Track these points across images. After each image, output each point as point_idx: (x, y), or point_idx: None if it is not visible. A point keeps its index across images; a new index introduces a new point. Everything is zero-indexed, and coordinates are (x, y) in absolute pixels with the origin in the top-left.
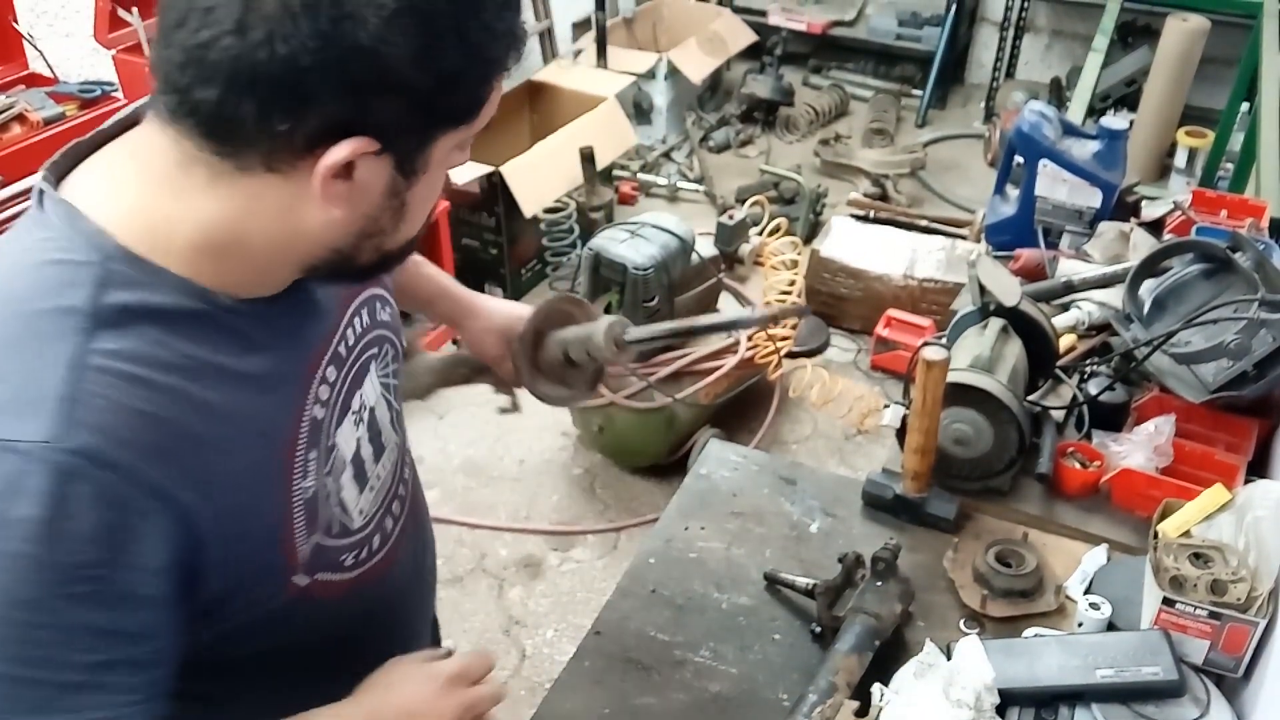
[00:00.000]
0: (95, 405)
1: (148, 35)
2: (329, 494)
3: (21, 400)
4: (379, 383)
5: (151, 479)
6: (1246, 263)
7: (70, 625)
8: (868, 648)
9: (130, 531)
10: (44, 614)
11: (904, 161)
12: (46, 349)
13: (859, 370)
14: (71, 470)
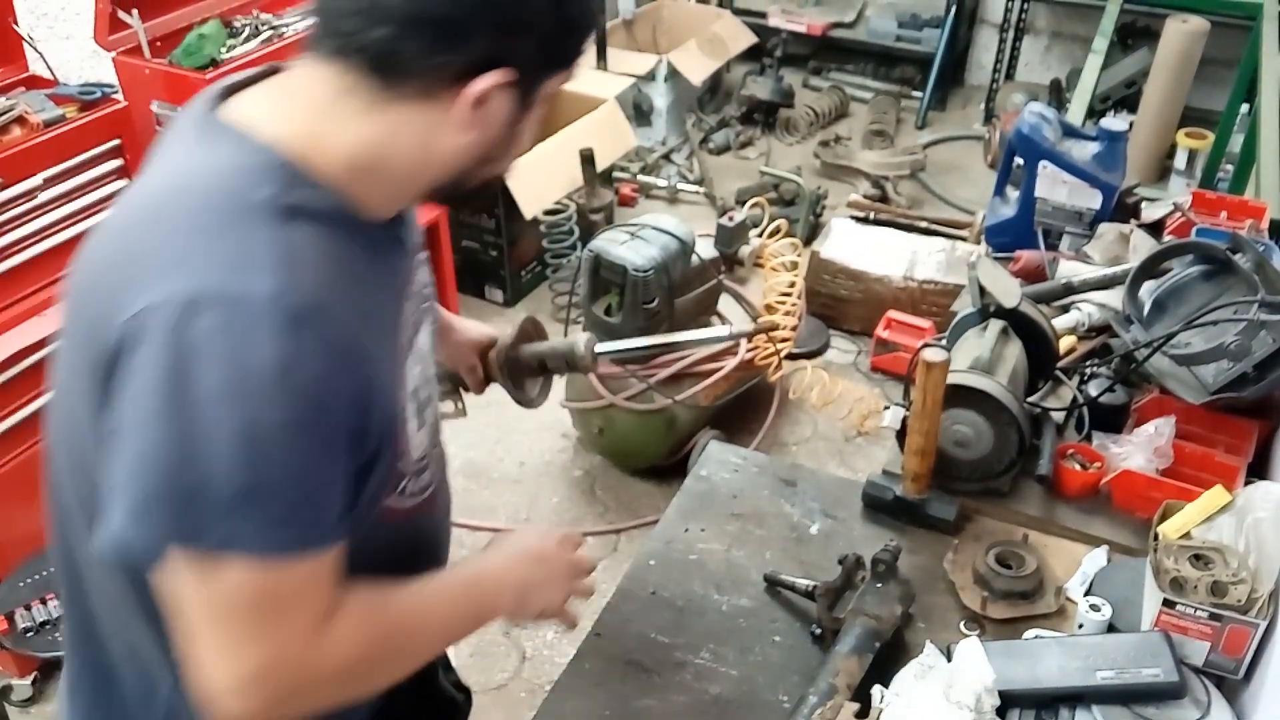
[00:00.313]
0: (308, 270)
1: (148, 37)
2: (404, 414)
3: (242, 266)
4: (429, 330)
5: (348, 335)
6: (1246, 264)
7: (295, 460)
8: (868, 649)
9: (338, 377)
10: (273, 445)
11: (904, 163)
12: (251, 231)
13: (859, 372)
14: (300, 319)
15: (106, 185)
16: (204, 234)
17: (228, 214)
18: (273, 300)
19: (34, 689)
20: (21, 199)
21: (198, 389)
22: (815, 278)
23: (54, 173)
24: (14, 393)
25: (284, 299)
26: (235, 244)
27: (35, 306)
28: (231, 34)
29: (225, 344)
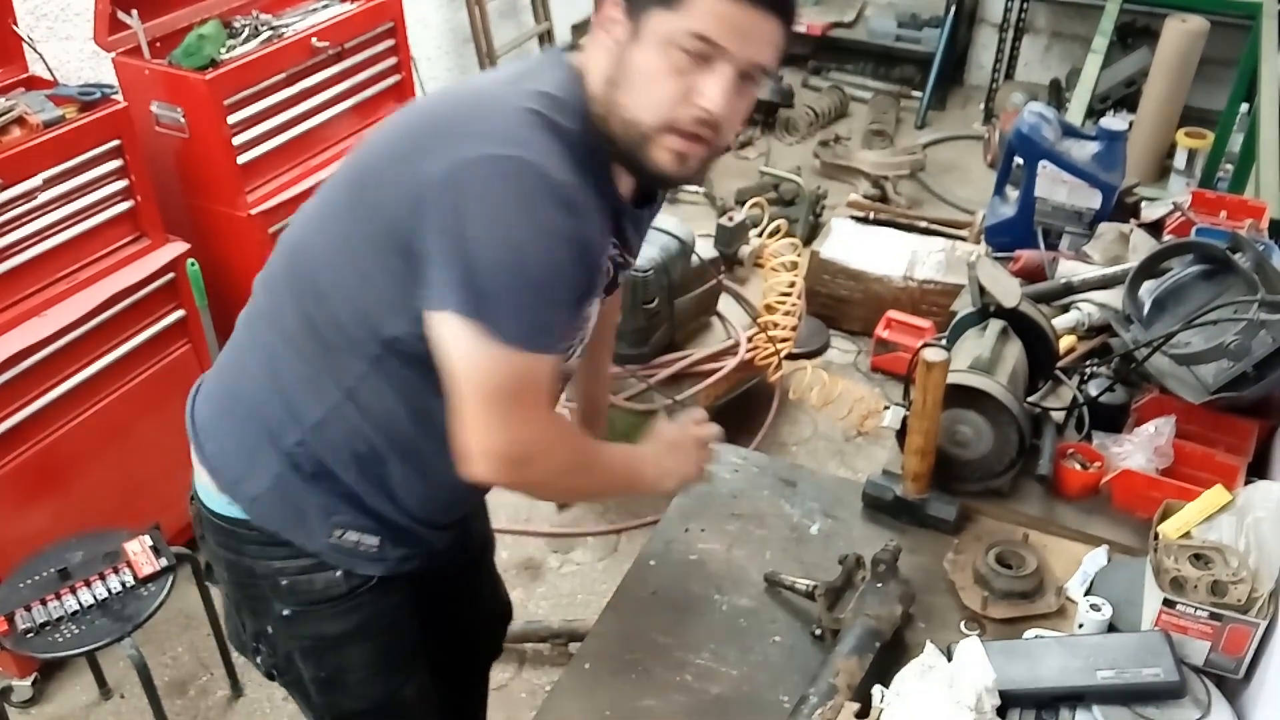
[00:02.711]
0: (572, 180)
1: (147, 38)
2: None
3: (549, 156)
4: (598, 310)
5: (590, 203)
6: (1246, 264)
7: (561, 281)
8: (868, 649)
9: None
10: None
11: (904, 163)
12: (557, 141)
13: (859, 372)
14: (563, 183)
15: (106, 186)
16: (531, 128)
17: (511, 109)
18: (548, 170)
19: (34, 690)
20: (21, 200)
21: (520, 222)
22: (815, 278)
23: (54, 173)
24: (14, 393)
25: (558, 173)
26: (503, 124)
27: (35, 307)
28: (231, 34)
29: (523, 193)
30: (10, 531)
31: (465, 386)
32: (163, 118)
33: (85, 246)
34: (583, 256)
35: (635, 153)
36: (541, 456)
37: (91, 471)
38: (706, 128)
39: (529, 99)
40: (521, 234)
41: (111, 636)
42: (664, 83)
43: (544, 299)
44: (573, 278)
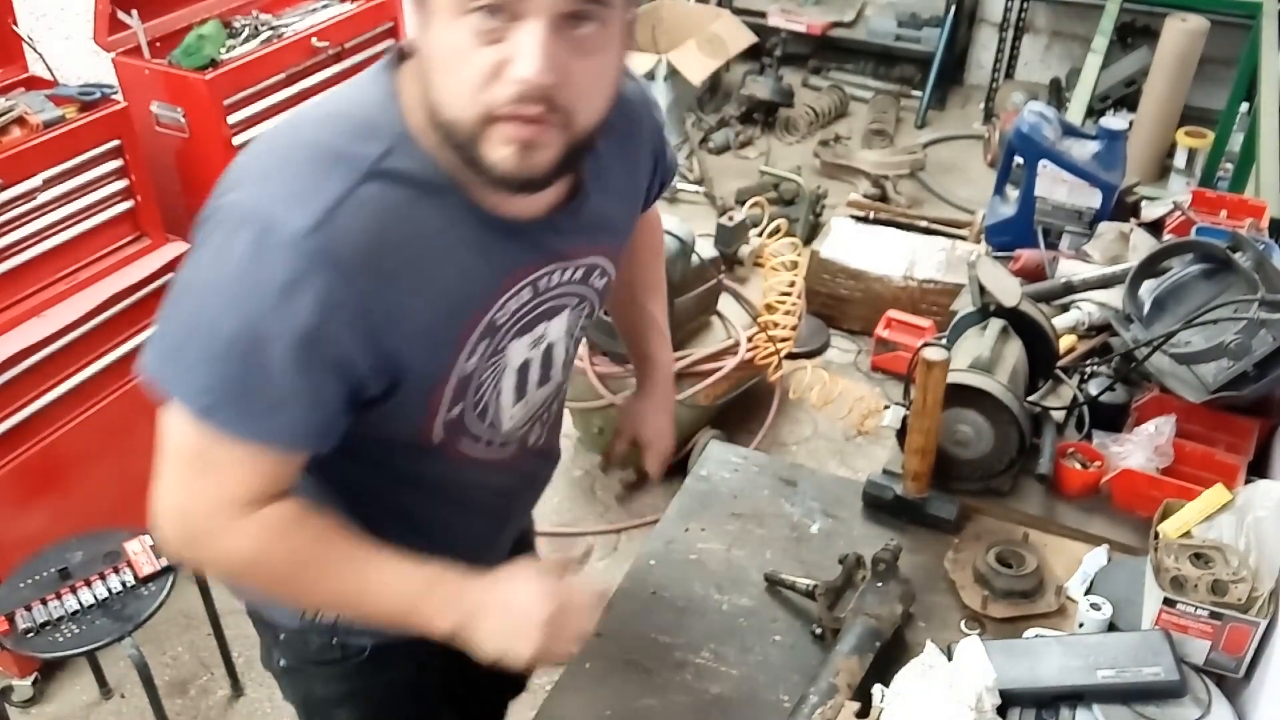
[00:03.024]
0: (341, 224)
1: (147, 38)
2: (484, 385)
3: (298, 198)
4: (565, 326)
5: (359, 289)
6: (1246, 263)
7: (269, 367)
8: (868, 649)
9: (334, 320)
10: (255, 354)
11: (904, 162)
12: (334, 173)
13: (859, 371)
14: (311, 258)
15: (106, 186)
16: (295, 164)
17: (330, 152)
18: (302, 235)
19: (34, 689)
20: (21, 200)
21: (213, 278)
22: (815, 277)
23: (54, 173)
24: (14, 393)
25: (313, 239)
26: (310, 178)
27: (35, 307)
28: (231, 34)
29: (246, 258)
30: (10, 531)
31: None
32: (163, 118)
33: (85, 246)
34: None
35: (472, 160)
36: (218, 543)
37: (92, 471)
38: (536, 103)
39: (326, 130)
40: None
41: (112, 636)
42: (466, 61)
43: (245, 382)
44: (296, 374)
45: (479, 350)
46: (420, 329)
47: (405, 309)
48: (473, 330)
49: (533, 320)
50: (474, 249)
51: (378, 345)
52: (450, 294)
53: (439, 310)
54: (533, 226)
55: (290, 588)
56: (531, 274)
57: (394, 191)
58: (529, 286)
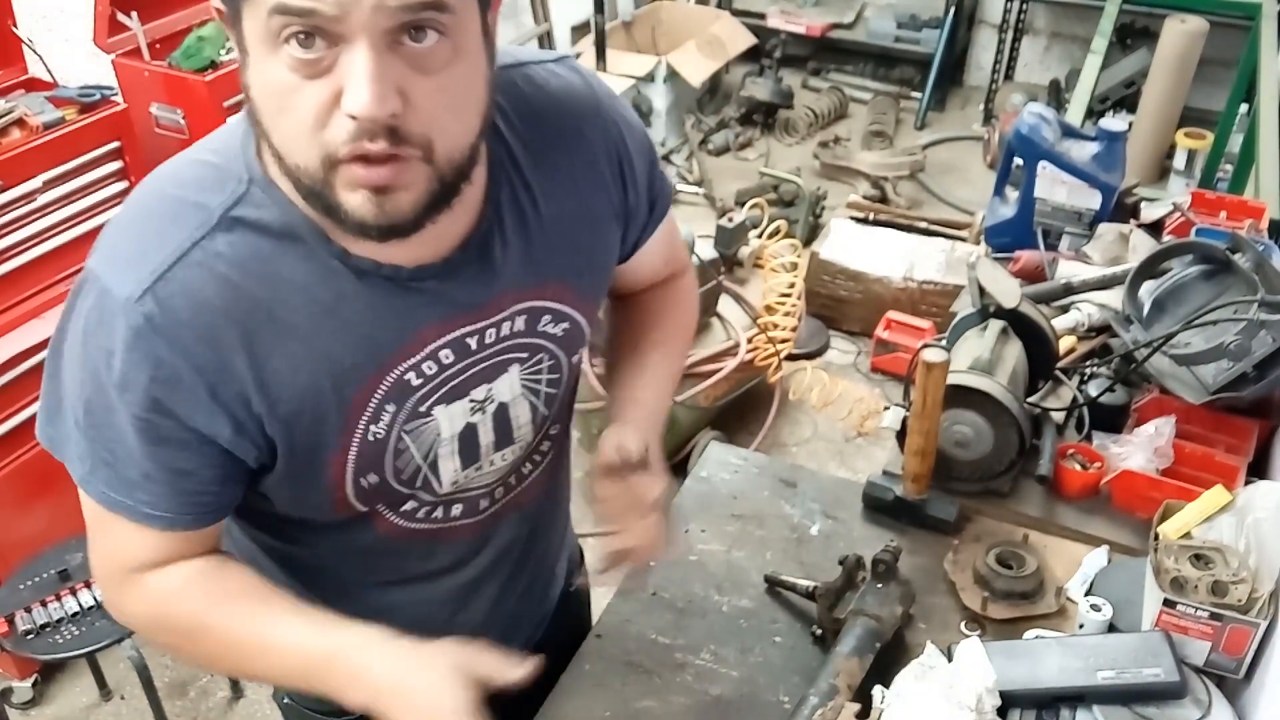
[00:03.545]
0: (176, 288)
1: (147, 40)
2: (408, 450)
3: (133, 260)
4: (520, 383)
5: (198, 358)
6: (1246, 264)
7: (124, 440)
8: (869, 650)
9: (172, 391)
10: (109, 425)
11: (903, 164)
12: (171, 229)
13: (859, 372)
14: (137, 328)
15: (106, 187)
16: (142, 219)
17: (171, 204)
18: (130, 304)
19: (34, 691)
20: (21, 201)
21: (69, 346)
22: (815, 279)
23: (54, 175)
24: (15, 395)
25: (140, 306)
26: (147, 236)
27: (35, 309)
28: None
29: (90, 322)
30: (11, 533)
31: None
32: (163, 119)
33: (85, 248)
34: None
35: (328, 208)
36: (121, 604)
37: None
38: (378, 139)
39: (179, 179)
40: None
41: (111, 638)
42: (294, 102)
43: (105, 454)
44: (145, 447)
45: (386, 414)
46: (294, 395)
47: (270, 373)
48: (370, 395)
49: (464, 384)
50: (358, 305)
51: (238, 413)
52: (331, 356)
53: (316, 374)
54: (426, 275)
55: (190, 652)
56: (447, 332)
57: (246, 244)
58: (448, 347)
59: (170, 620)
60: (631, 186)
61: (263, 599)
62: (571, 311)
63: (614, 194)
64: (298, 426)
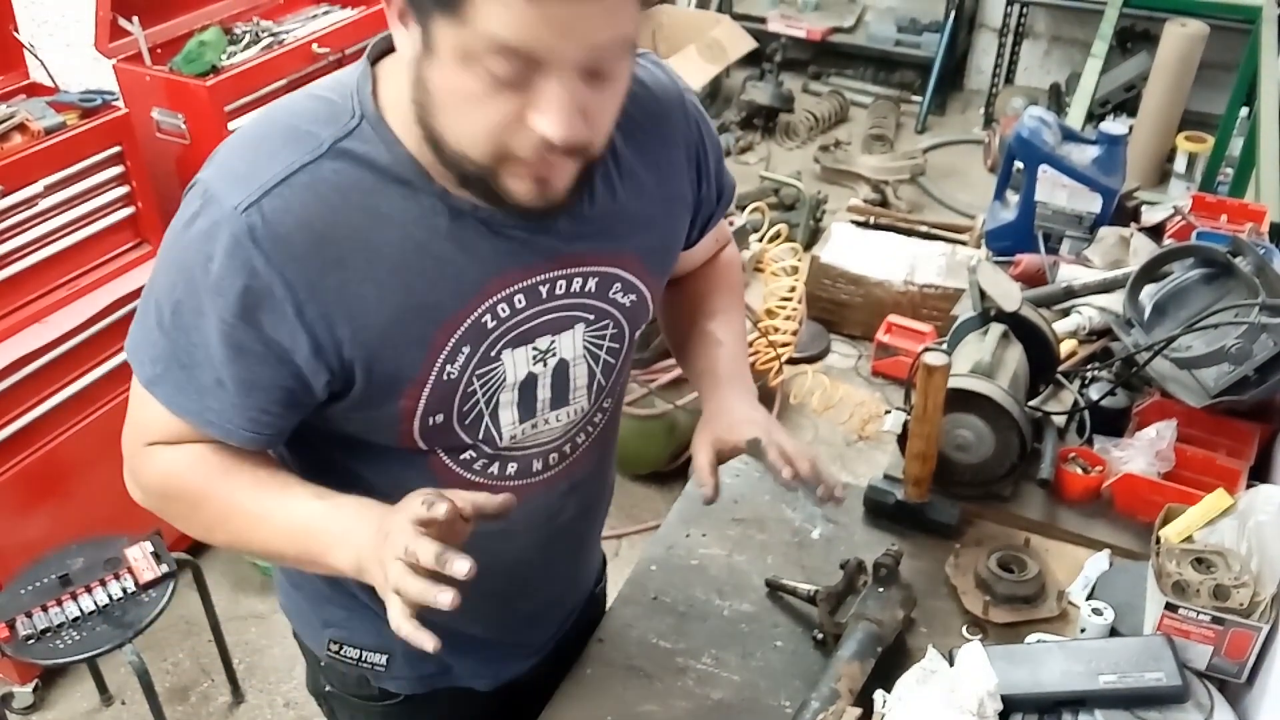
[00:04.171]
0: (280, 204)
1: (148, 44)
2: (474, 395)
3: (244, 175)
4: (584, 344)
5: (291, 275)
6: (1247, 267)
7: (207, 344)
8: (870, 654)
9: (261, 301)
10: (195, 328)
11: (904, 167)
12: (283, 151)
13: (860, 376)
14: (238, 237)
15: (107, 192)
16: (256, 141)
17: (288, 129)
18: (236, 213)
19: (35, 696)
20: (22, 206)
21: (168, 249)
22: (815, 282)
23: (55, 180)
24: (16, 399)
25: (246, 217)
26: (262, 156)
27: (36, 313)
28: (232, 41)
29: (193, 227)
30: (11, 537)
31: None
32: (164, 124)
33: (86, 253)
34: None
35: (485, 185)
36: (138, 470)
37: (93, 477)
38: (561, 152)
39: (296, 110)
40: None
41: (112, 643)
42: (481, 109)
43: (183, 357)
44: (226, 355)
45: (462, 355)
46: (379, 323)
47: (357, 299)
48: (450, 333)
49: (532, 331)
50: (450, 244)
51: (319, 334)
52: (418, 290)
53: (403, 306)
54: (517, 223)
55: (193, 521)
56: (525, 278)
57: (352, 174)
58: (523, 293)
59: (176, 488)
60: (705, 178)
61: (266, 474)
62: (640, 285)
63: (689, 182)
64: (378, 356)
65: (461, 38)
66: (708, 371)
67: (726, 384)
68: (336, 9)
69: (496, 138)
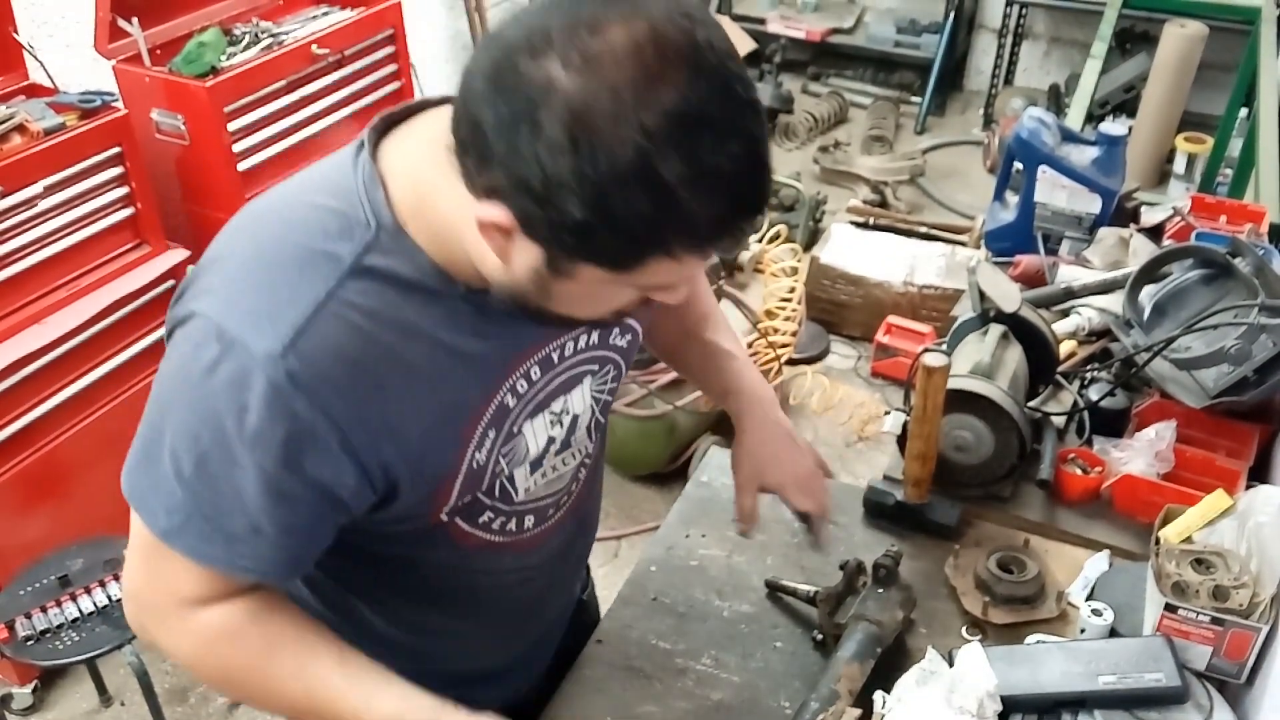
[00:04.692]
0: (315, 342)
1: (148, 45)
2: (500, 469)
3: (270, 315)
4: (591, 395)
5: (336, 412)
6: (1246, 268)
7: (239, 494)
8: (870, 655)
9: (305, 446)
10: (227, 479)
11: (903, 168)
12: (303, 281)
13: (859, 377)
14: (278, 384)
15: (107, 193)
16: (266, 269)
17: (301, 254)
18: (271, 359)
19: (34, 697)
20: (22, 207)
21: (180, 394)
22: (815, 283)
23: (54, 180)
24: (15, 400)
25: (283, 362)
26: (281, 288)
27: (35, 314)
28: (231, 41)
29: (215, 375)
30: (11, 538)
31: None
32: (163, 125)
33: (86, 253)
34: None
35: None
36: (164, 636)
37: (92, 478)
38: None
39: (301, 223)
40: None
41: (112, 644)
42: (605, 303)
43: (209, 508)
44: (267, 504)
45: (489, 440)
46: (416, 435)
47: (397, 419)
48: (478, 423)
49: (547, 398)
50: (474, 338)
51: (365, 462)
52: (449, 391)
53: (438, 411)
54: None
55: (234, 692)
56: (541, 349)
57: (376, 293)
58: (538, 364)
59: (217, 660)
60: None
61: (311, 649)
62: (634, 323)
63: None
64: (418, 465)
65: (615, 278)
66: (732, 392)
67: (759, 406)
68: (336, 10)
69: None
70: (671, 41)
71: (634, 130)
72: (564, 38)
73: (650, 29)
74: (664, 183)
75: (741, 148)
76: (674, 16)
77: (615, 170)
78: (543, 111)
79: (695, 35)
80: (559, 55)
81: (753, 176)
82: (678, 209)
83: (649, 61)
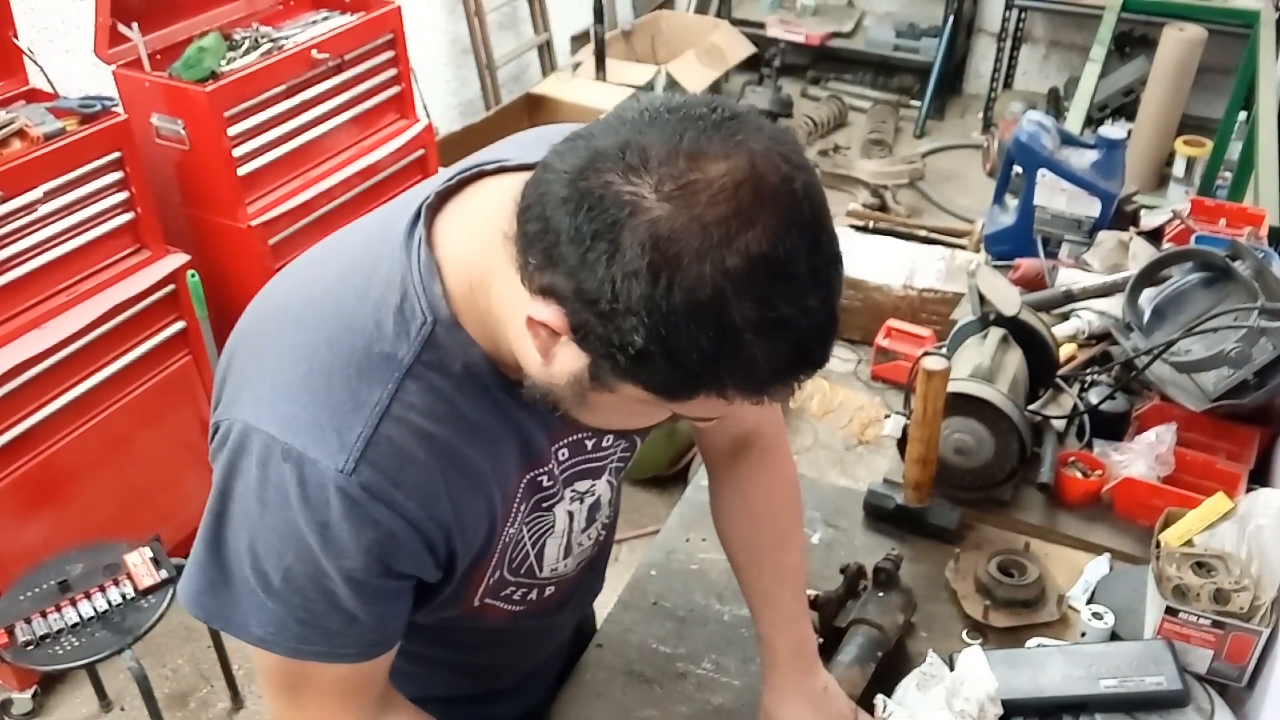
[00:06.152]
0: (384, 449)
1: (148, 50)
2: (525, 543)
3: (335, 428)
4: (613, 472)
5: (411, 513)
6: (1246, 271)
7: (331, 597)
8: (870, 659)
9: (389, 549)
10: (317, 589)
11: (903, 172)
12: (363, 387)
13: (859, 381)
14: (355, 498)
15: (107, 198)
16: (324, 374)
17: (358, 361)
18: (345, 474)
19: (34, 702)
20: (22, 212)
21: (253, 518)
22: None
23: (54, 186)
24: (14, 405)
25: (357, 476)
26: (342, 397)
27: (35, 320)
28: (231, 46)
29: (290, 495)
30: (10, 544)
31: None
32: (163, 130)
33: (86, 258)
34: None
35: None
36: None
37: (92, 483)
38: None
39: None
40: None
41: (112, 649)
42: (641, 418)
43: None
44: (357, 605)
45: (519, 514)
46: (475, 521)
47: (464, 506)
48: (512, 501)
49: (572, 477)
50: (515, 424)
51: (440, 552)
52: (497, 478)
53: (489, 497)
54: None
55: None
56: (577, 432)
57: (433, 388)
58: (569, 446)
59: None
60: None
61: None
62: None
63: None
64: (473, 547)
65: (658, 402)
66: (765, 641)
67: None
68: (336, 14)
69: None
70: (768, 184)
71: (716, 270)
72: (661, 160)
73: (750, 167)
74: (734, 325)
75: (818, 302)
76: (774, 156)
77: (688, 306)
78: (625, 233)
79: (793, 181)
80: (653, 178)
81: (822, 332)
82: (741, 353)
83: (744, 202)
